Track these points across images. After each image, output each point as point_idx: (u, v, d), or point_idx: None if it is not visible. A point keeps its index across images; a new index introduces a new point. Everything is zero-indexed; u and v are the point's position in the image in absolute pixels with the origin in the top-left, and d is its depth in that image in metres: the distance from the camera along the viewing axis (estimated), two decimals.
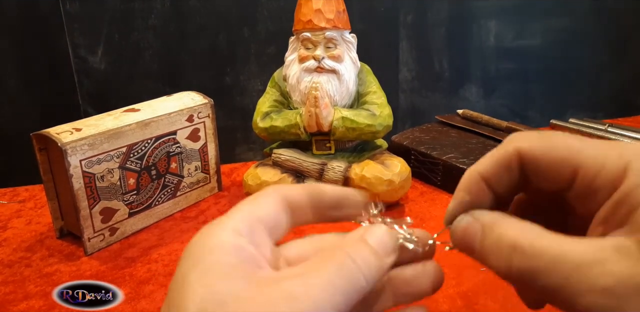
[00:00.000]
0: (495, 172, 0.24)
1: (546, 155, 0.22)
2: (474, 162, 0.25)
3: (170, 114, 0.58)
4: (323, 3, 0.57)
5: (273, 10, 0.95)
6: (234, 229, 0.22)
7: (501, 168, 0.24)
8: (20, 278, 0.50)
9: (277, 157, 0.60)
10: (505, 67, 1.09)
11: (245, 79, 0.99)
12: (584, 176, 0.22)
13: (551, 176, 0.23)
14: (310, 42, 0.58)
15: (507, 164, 0.23)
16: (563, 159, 0.22)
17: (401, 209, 0.61)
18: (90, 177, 0.51)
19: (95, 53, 0.93)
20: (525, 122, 1.00)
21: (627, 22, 1.09)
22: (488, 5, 1.03)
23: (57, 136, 0.49)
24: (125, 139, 0.54)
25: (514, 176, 0.24)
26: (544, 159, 0.22)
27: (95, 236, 0.54)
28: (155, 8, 0.92)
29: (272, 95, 0.63)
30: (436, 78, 1.07)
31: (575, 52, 1.09)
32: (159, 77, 0.96)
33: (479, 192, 0.24)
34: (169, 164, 0.60)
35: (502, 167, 0.23)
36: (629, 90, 1.15)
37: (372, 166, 0.58)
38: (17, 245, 0.56)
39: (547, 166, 0.23)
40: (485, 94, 1.10)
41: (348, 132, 0.59)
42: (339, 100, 0.59)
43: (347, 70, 0.59)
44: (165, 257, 0.53)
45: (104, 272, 0.51)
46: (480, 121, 0.76)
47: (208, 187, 0.66)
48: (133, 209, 0.57)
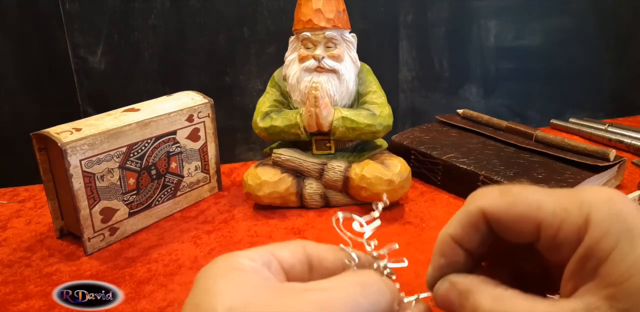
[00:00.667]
0: (464, 232, 0.24)
1: (508, 213, 0.23)
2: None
3: (170, 114, 0.58)
4: (323, 3, 0.57)
5: (273, 10, 0.95)
6: (250, 258, 0.23)
7: (469, 228, 0.24)
8: (20, 278, 0.50)
9: (277, 157, 0.60)
10: (506, 67, 1.08)
11: (245, 78, 0.99)
12: (547, 232, 0.22)
13: (516, 232, 0.23)
14: (310, 42, 0.58)
15: (474, 224, 0.24)
16: (524, 216, 0.22)
17: (401, 209, 0.61)
18: (90, 177, 0.51)
19: (95, 53, 0.93)
20: (525, 122, 1.00)
21: (627, 22, 1.09)
22: (488, 5, 1.03)
23: (57, 136, 0.49)
24: (125, 139, 0.54)
25: (483, 233, 0.24)
26: (506, 217, 0.23)
27: (95, 235, 0.54)
28: (155, 8, 0.92)
29: (272, 95, 0.63)
30: (436, 78, 1.07)
31: (575, 52, 1.09)
32: (158, 77, 0.96)
33: (453, 254, 0.25)
34: (169, 163, 0.60)
35: (470, 227, 0.24)
36: (629, 90, 1.15)
37: (372, 165, 0.58)
38: (17, 245, 0.56)
39: (510, 223, 0.23)
40: (485, 94, 1.10)
41: (348, 132, 0.58)
42: (339, 100, 0.59)
43: (347, 70, 0.59)
44: (165, 257, 0.53)
45: (104, 272, 0.51)
46: (480, 121, 0.76)
47: (208, 187, 0.66)
48: (133, 209, 0.57)
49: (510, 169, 0.60)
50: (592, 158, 0.62)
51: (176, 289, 0.48)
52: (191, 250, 0.54)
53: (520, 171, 0.60)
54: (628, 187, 0.66)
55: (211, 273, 0.22)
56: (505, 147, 0.68)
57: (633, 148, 0.76)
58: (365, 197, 0.58)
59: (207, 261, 0.23)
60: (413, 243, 0.54)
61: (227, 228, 0.58)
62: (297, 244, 0.26)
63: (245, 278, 0.21)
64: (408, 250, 0.52)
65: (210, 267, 0.22)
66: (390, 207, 0.61)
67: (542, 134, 0.68)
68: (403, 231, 0.56)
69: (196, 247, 0.55)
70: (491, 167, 0.61)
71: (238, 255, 0.23)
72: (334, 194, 0.61)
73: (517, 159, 0.63)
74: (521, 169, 0.61)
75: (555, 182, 0.57)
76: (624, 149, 0.77)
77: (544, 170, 0.60)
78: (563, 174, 0.59)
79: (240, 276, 0.21)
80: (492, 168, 0.61)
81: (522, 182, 0.57)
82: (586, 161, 0.61)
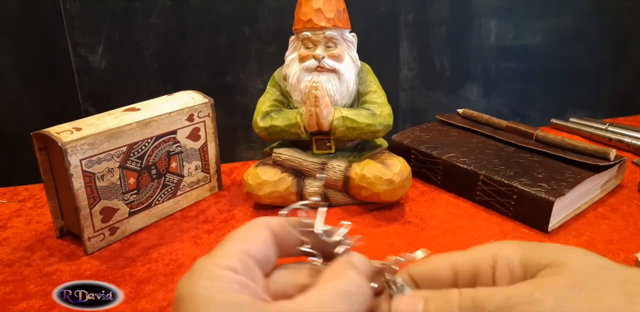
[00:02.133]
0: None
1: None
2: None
3: (171, 114, 0.58)
4: (323, 2, 0.57)
5: (273, 10, 0.95)
6: (230, 268, 0.23)
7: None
8: (20, 278, 0.50)
9: (277, 157, 0.60)
10: (506, 67, 1.08)
11: (246, 78, 0.99)
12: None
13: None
14: (310, 42, 0.58)
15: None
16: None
17: (401, 208, 0.61)
18: (90, 176, 0.51)
19: (96, 52, 0.93)
20: (525, 121, 1.00)
21: (627, 22, 1.09)
22: (489, 5, 1.03)
23: (57, 136, 0.49)
24: (126, 139, 0.54)
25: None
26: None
27: (95, 235, 0.54)
28: (156, 7, 0.92)
29: (273, 94, 0.63)
30: (437, 77, 1.07)
31: (576, 51, 1.09)
32: (159, 76, 0.96)
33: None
34: (169, 163, 0.60)
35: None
36: (629, 90, 1.15)
37: (373, 165, 0.58)
38: (17, 244, 0.56)
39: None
40: (485, 93, 1.10)
41: (348, 131, 0.58)
42: (339, 99, 0.59)
43: (347, 70, 0.59)
44: (165, 257, 0.53)
45: (104, 271, 0.51)
46: (480, 121, 0.76)
47: (208, 186, 0.66)
48: (133, 209, 0.57)
49: (511, 169, 0.60)
50: (592, 158, 0.62)
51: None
52: (191, 249, 0.54)
53: (521, 170, 0.60)
54: (628, 187, 0.66)
55: (194, 297, 0.21)
56: (505, 147, 0.67)
57: (633, 148, 0.76)
58: (365, 196, 0.58)
59: None
60: (413, 243, 0.54)
61: (228, 228, 0.58)
62: (263, 231, 0.26)
63: (230, 287, 0.22)
64: (408, 249, 0.52)
65: (192, 286, 0.22)
66: (391, 207, 0.61)
67: (542, 134, 0.68)
68: (403, 230, 0.56)
69: (196, 247, 0.55)
70: (491, 166, 0.61)
71: (217, 265, 0.23)
72: (334, 193, 0.61)
73: (517, 159, 0.63)
74: (521, 168, 0.61)
75: (556, 181, 0.57)
76: (624, 149, 0.77)
77: (544, 169, 0.60)
78: (563, 173, 0.59)
79: (228, 301, 0.21)
80: (493, 168, 0.61)
81: (522, 181, 0.57)
82: (586, 160, 0.61)
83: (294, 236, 0.26)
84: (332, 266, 0.25)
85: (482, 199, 0.61)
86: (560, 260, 0.22)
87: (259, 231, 0.26)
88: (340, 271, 0.24)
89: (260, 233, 0.26)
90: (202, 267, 0.23)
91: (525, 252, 0.24)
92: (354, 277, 0.24)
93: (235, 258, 0.23)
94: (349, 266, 0.25)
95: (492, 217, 0.59)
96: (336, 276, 0.24)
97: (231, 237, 0.25)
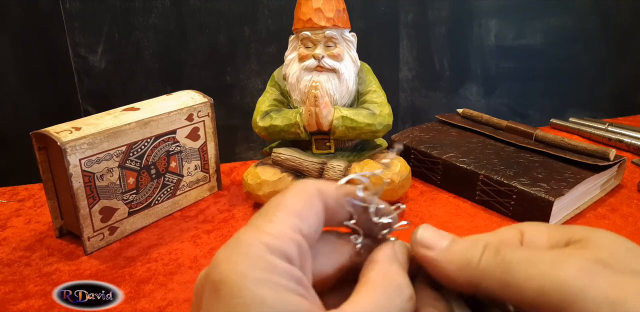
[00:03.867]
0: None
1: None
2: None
3: (170, 113, 0.58)
4: (323, 2, 0.57)
5: (273, 9, 0.95)
6: (284, 255, 0.19)
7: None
8: (19, 277, 0.50)
9: (276, 157, 0.60)
10: (506, 66, 1.08)
11: (246, 77, 0.99)
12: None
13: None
14: (310, 41, 0.58)
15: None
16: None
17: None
18: (89, 176, 0.51)
19: (96, 52, 0.93)
20: (525, 121, 1.00)
21: (627, 22, 1.09)
22: (489, 5, 1.03)
23: (56, 135, 0.49)
24: (125, 138, 0.54)
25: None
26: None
27: (94, 235, 0.54)
28: (156, 7, 0.91)
29: (272, 94, 0.62)
30: (436, 77, 1.07)
31: (576, 51, 1.09)
32: (159, 76, 0.96)
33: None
34: (168, 163, 0.60)
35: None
36: (629, 89, 1.15)
37: (372, 165, 0.58)
38: (16, 244, 0.56)
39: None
40: (485, 93, 1.10)
41: (348, 131, 0.58)
42: (338, 99, 0.59)
43: (347, 69, 0.59)
44: (165, 257, 0.53)
45: (104, 271, 0.51)
46: (480, 120, 0.76)
47: (208, 186, 0.66)
48: (133, 208, 0.57)
49: (510, 169, 0.60)
50: (592, 157, 0.62)
51: (176, 288, 0.48)
52: (191, 249, 0.54)
53: (520, 170, 0.60)
54: (628, 187, 0.66)
55: (242, 291, 0.18)
56: (505, 147, 0.67)
57: (633, 147, 0.76)
58: None
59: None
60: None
61: (227, 227, 0.58)
62: (316, 203, 0.22)
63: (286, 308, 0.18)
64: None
65: (239, 275, 0.18)
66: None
67: (542, 134, 0.68)
68: (403, 230, 0.56)
69: (196, 247, 0.54)
70: (491, 166, 0.61)
71: (269, 248, 0.19)
72: None
73: (517, 159, 0.63)
74: (521, 168, 0.61)
75: (555, 181, 0.57)
76: (624, 149, 0.77)
77: (544, 169, 0.60)
78: (563, 173, 0.59)
79: (281, 305, 0.18)
80: (492, 167, 0.61)
81: (521, 181, 0.57)
82: (586, 160, 0.61)
83: (345, 210, 0.23)
84: (378, 261, 0.23)
85: (482, 199, 0.61)
86: (588, 237, 0.22)
87: (313, 203, 0.22)
88: (386, 272, 0.22)
89: (314, 205, 0.22)
90: (248, 246, 0.19)
91: (553, 231, 0.24)
92: (400, 280, 0.22)
93: (289, 240, 0.20)
94: (394, 263, 0.23)
95: (491, 217, 0.59)
96: (383, 278, 0.22)
97: (281, 206, 0.21)
